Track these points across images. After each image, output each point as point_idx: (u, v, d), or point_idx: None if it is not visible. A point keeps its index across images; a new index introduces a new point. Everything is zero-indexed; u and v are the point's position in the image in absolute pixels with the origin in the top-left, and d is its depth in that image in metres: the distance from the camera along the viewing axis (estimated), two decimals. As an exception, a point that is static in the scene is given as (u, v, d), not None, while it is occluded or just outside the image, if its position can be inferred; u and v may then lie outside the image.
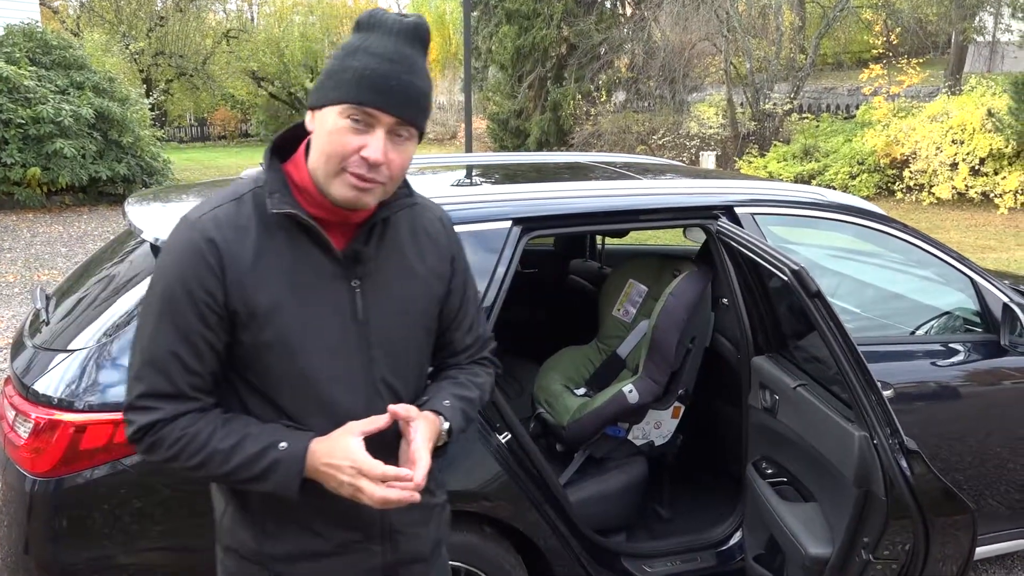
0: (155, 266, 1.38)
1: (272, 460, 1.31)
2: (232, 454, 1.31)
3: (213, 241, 1.31)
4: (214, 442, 1.32)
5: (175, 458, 1.33)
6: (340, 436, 1.32)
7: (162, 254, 1.37)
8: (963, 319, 3.03)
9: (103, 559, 1.99)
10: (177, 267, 1.32)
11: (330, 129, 1.29)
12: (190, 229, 1.33)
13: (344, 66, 1.29)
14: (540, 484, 2.41)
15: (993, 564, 3.27)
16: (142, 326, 1.35)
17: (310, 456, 1.32)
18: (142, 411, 1.33)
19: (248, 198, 1.36)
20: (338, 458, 1.30)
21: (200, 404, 1.35)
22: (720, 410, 3.24)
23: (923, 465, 2.00)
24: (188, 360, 1.32)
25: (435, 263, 1.52)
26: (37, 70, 11.39)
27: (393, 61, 1.29)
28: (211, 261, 1.30)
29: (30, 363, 2.11)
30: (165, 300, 1.32)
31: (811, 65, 16.10)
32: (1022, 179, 11.15)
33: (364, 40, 1.30)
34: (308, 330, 1.35)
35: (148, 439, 1.33)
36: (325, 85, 1.31)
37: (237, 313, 1.32)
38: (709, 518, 2.88)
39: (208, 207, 1.36)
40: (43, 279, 7.72)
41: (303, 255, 1.35)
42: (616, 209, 2.66)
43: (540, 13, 17.12)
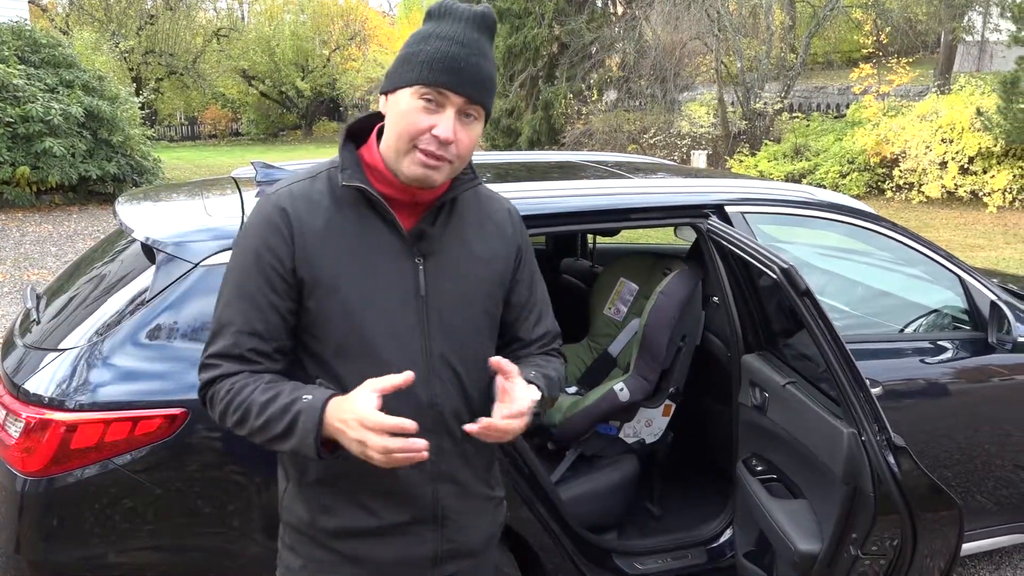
0: (238, 234, 1.47)
1: (295, 413, 1.33)
2: (266, 407, 1.34)
3: (285, 211, 1.39)
4: (255, 396, 1.36)
5: (224, 413, 1.38)
6: (355, 392, 1.32)
7: (246, 223, 1.45)
8: (951, 317, 3.05)
9: (94, 558, 1.99)
10: (252, 235, 1.40)
11: (404, 109, 1.35)
12: (267, 201, 1.42)
13: (418, 50, 1.36)
14: (531, 482, 2.41)
15: (981, 560, 3.29)
16: (220, 294, 1.43)
17: (327, 412, 1.31)
18: (206, 368, 1.41)
19: (323, 176, 1.44)
20: (346, 412, 1.30)
21: (260, 367, 1.40)
22: (711, 408, 3.25)
23: (910, 461, 2.02)
24: (255, 324, 1.38)
25: (500, 249, 1.56)
26: (26, 68, 11.33)
27: (463, 45, 1.35)
28: (282, 229, 1.38)
29: (21, 362, 2.10)
30: (238, 267, 1.41)
31: (801, 64, 16.15)
32: (1010, 178, 11.22)
33: (436, 27, 1.37)
34: (371, 301, 1.40)
35: (207, 393, 1.41)
36: (399, 69, 1.38)
37: (304, 280, 1.38)
38: (700, 515, 2.89)
39: (286, 183, 1.45)
40: (33, 278, 7.68)
41: (370, 229, 1.41)
42: (607, 208, 2.67)
43: (531, 12, 17.12)
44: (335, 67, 29.54)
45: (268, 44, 27.92)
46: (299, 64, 28.56)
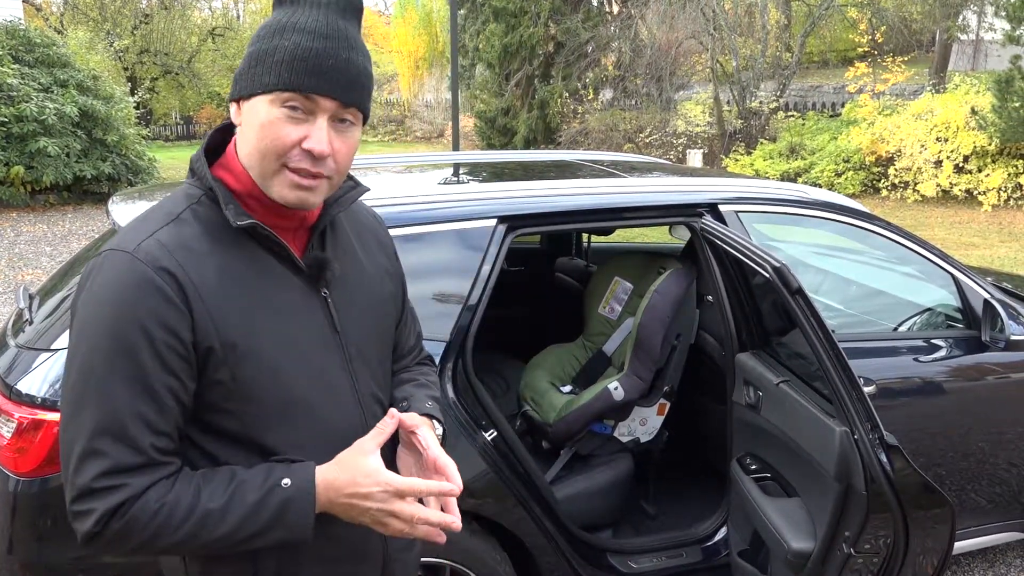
0: (83, 312, 1.12)
1: (279, 503, 1.12)
2: (228, 510, 1.11)
3: (167, 270, 1.10)
4: (203, 503, 1.10)
5: (155, 538, 1.10)
6: (354, 458, 1.16)
7: (92, 295, 1.11)
8: (945, 315, 3.06)
9: (88, 559, 1.98)
10: (124, 307, 1.08)
11: (263, 121, 1.12)
12: (131, 261, 1.10)
13: (272, 47, 1.11)
14: (526, 481, 2.42)
15: (975, 558, 3.30)
16: (81, 390, 1.10)
17: (324, 489, 1.14)
18: (103, 493, 1.08)
19: (188, 216, 1.16)
20: (364, 485, 1.13)
21: (170, 469, 1.13)
22: (705, 407, 3.26)
23: (903, 460, 2.02)
24: (152, 418, 1.10)
25: (385, 263, 1.41)
26: (20, 68, 11.31)
27: (328, 37, 1.12)
28: (170, 294, 1.09)
29: (13, 363, 2.10)
30: (116, 350, 1.08)
31: (797, 63, 16.17)
32: (1005, 176, 11.25)
33: (291, 15, 1.13)
34: (294, 351, 1.19)
35: (115, 525, 1.08)
36: (252, 71, 1.13)
37: (212, 350, 1.12)
38: (694, 514, 2.90)
39: (143, 233, 1.13)
40: (27, 278, 7.66)
41: (267, 270, 1.19)
42: (601, 207, 2.67)
43: (527, 11, 17.12)
44: (331, 66, 29.43)
45: (263, 43, 27.87)
46: (295, 63, 28.49)
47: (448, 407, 2.27)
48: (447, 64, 20.96)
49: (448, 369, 2.30)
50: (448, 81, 21.32)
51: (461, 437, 2.29)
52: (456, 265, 2.39)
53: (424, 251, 2.36)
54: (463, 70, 19.19)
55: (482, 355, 2.67)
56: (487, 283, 2.38)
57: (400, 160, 3.61)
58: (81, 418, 1.09)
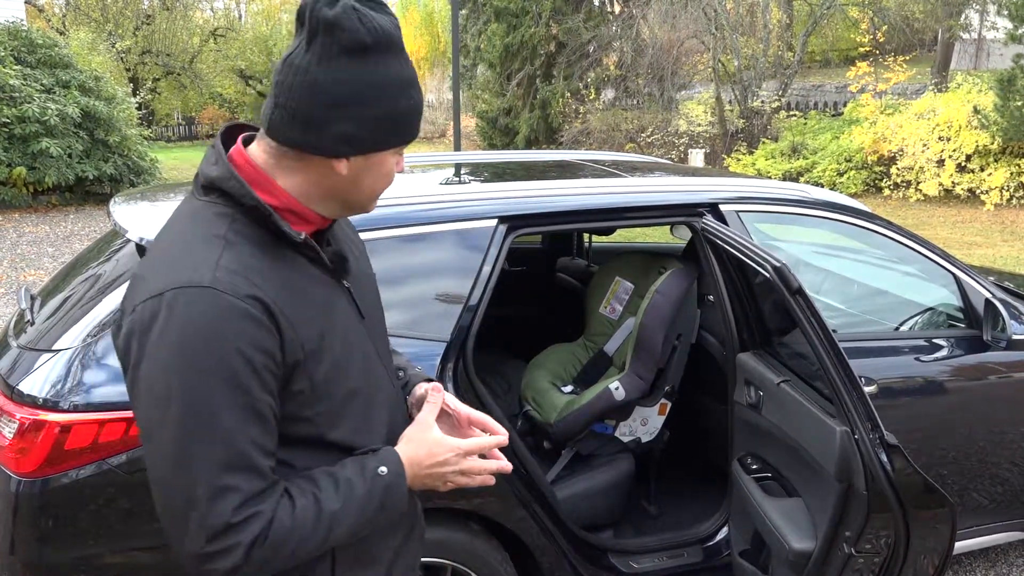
0: (163, 358, 1.09)
1: (382, 490, 1.22)
2: (346, 509, 1.19)
3: (252, 296, 1.11)
4: (325, 508, 1.17)
5: (294, 554, 1.15)
6: (422, 433, 1.29)
7: (171, 338, 1.09)
8: (946, 315, 3.05)
9: (90, 559, 1.99)
10: (221, 340, 1.09)
11: (389, 170, 1.24)
12: (214, 294, 1.10)
13: (405, 109, 1.20)
14: (527, 481, 2.42)
15: (977, 557, 3.30)
16: (190, 431, 1.08)
17: (408, 466, 1.26)
18: (242, 526, 1.09)
19: (233, 237, 1.16)
20: (439, 454, 1.27)
21: (281, 486, 1.17)
22: (706, 406, 3.26)
23: (903, 459, 2.02)
24: (264, 441, 1.13)
25: (359, 241, 1.49)
26: (22, 69, 11.31)
27: (416, 78, 1.23)
28: (261, 318, 1.11)
29: (15, 363, 2.10)
30: (219, 384, 1.08)
31: (799, 63, 16.15)
32: (1008, 175, 11.23)
33: (400, 68, 1.18)
34: (345, 344, 1.26)
35: (258, 553, 1.11)
36: (385, 130, 1.19)
37: (298, 363, 1.16)
38: (696, 514, 2.90)
39: (205, 263, 1.12)
40: (29, 279, 7.68)
41: (308, 273, 1.23)
42: (602, 207, 2.67)
43: (529, 11, 17.11)
44: (332, 67, 29.43)
45: (265, 44, 27.84)
46: (296, 64, 28.48)
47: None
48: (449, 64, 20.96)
49: (449, 369, 2.30)
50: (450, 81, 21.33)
51: (462, 437, 2.29)
52: (457, 265, 2.39)
53: (425, 251, 2.37)
54: (465, 70, 19.21)
55: (483, 355, 2.67)
56: (488, 283, 2.38)
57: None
58: (196, 460, 1.08)
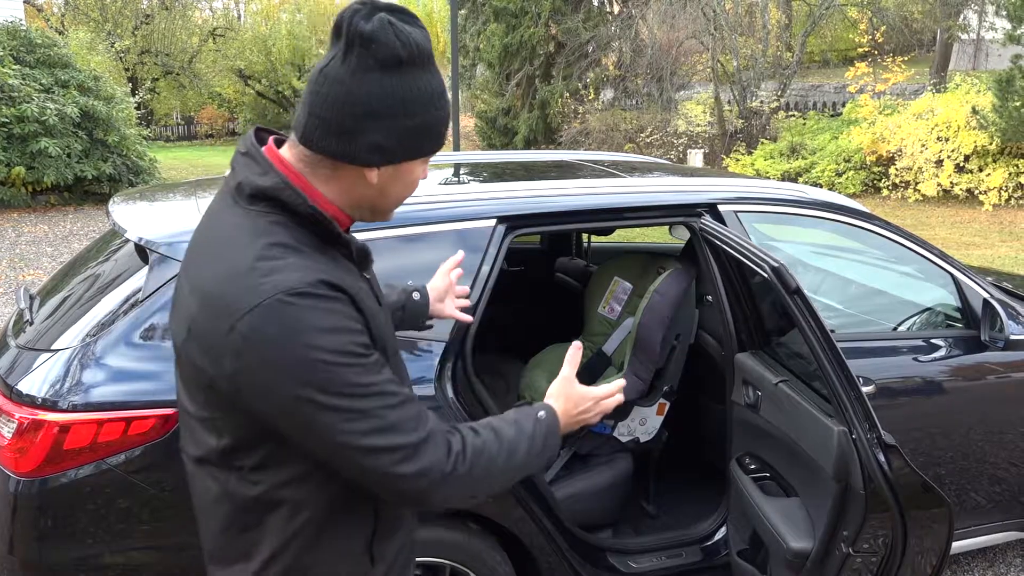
0: (277, 358, 1.17)
1: (544, 431, 1.40)
2: (519, 440, 1.36)
3: (327, 282, 1.21)
4: (505, 436, 1.35)
5: (487, 472, 1.31)
6: (569, 388, 1.49)
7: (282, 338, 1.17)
8: (944, 315, 3.06)
9: (89, 559, 1.99)
10: (338, 330, 1.20)
11: (415, 179, 1.33)
12: (298, 295, 1.17)
13: (434, 120, 1.27)
14: (526, 481, 2.42)
15: (975, 557, 3.31)
16: (331, 400, 1.18)
17: (561, 415, 1.46)
18: (426, 444, 1.24)
19: (294, 243, 1.24)
20: (584, 404, 1.49)
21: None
22: (705, 406, 3.26)
23: (901, 459, 2.02)
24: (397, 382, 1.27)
25: None
26: (21, 68, 11.31)
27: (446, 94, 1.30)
28: (350, 307, 1.24)
29: (14, 363, 2.10)
30: (339, 358, 1.18)
31: (798, 63, 16.17)
32: (1006, 176, 11.25)
33: (432, 82, 1.26)
34: (387, 330, 1.39)
35: (462, 467, 1.27)
36: (419, 139, 1.27)
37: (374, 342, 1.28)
38: (694, 514, 2.90)
39: (291, 270, 1.20)
40: (28, 279, 7.68)
41: (345, 266, 1.31)
42: (600, 207, 2.67)
43: (528, 11, 17.13)
44: (331, 66, 29.44)
45: (264, 44, 27.84)
46: (295, 64, 28.48)
47: (448, 407, 2.27)
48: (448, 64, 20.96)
49: (448, 369, 2.30)
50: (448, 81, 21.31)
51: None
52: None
53: (424, 251, 2.37)
54: (464, 70, 19.21)
55: (482, 355, 2.67)
56: (487, 283, 2.38)
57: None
58: (357, 422, 1.20)
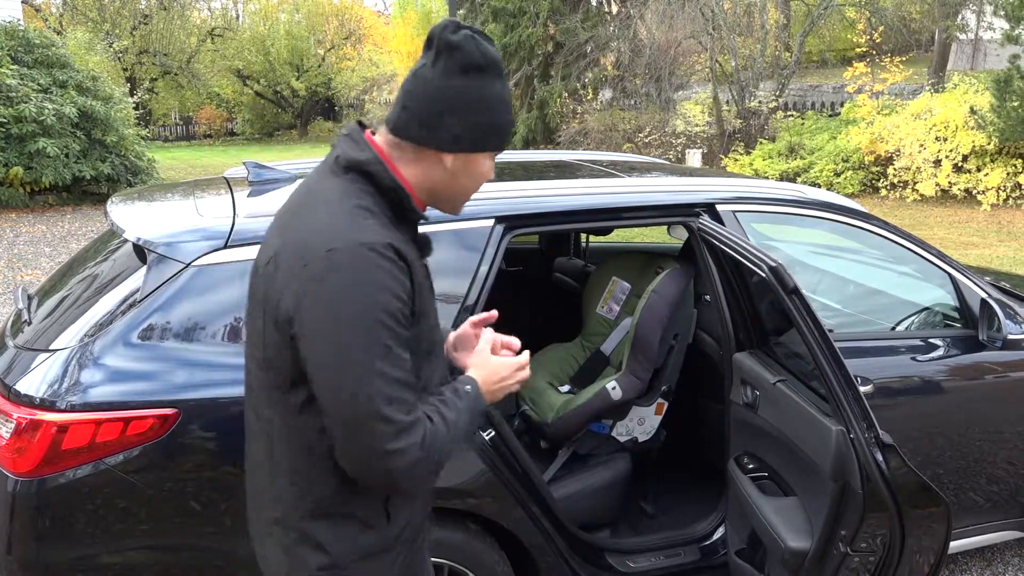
0: (339, 304, 1.35)
1: (474, 399, 1.52)
2: (460, 417, 1.47)
3: (395, 248, 1.39)
4: (450, 418, 1.46)
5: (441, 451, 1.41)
6: (485, 359, 1.60)
7: (344, 289, 1.35)
8: (942, 315, 3.06)
9: (87, 559, 1.99)
10: (380, 283, 1.36)
11: (484, 172, 1.53)
12: (369, 250, 1.37)
13: (503, 121, 1.50)
14: (524, 481, 2.42)
15: (973, 556, 3.31)
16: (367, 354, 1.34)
17: (481, 383, 1.55)
18: (414, 427, 1.37)
19: (375, 208, 1.45)
20: (503, 372, 1.59)
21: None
22: (703, 406, 3.26)
23: (898, 459, 2.03)
24: (411, 364, 1.41)
25: None
26: (19, 69, 11.30)
27: (511, 104, 1.53)
28: (402, 265, 1.40)
29: (12, 363, 2.10)
30: (385, 317, 1.35)
31: (796, 63, 16.17)
32: (1004, 176, 11.26)
33: (498, 85, 1.48)
34: (431, 308, 1.56)
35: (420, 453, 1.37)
36: (486, 134, 1.49)
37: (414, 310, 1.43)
38: (692, 513, 2.90)
39: (359, 227, 1.40)
40: (26, 279, 7.67)
41: (411, 244, 1.50)
42: (599, 207, 2.67)
43: (526, 11, 17.13)
44: (330, 67, 29.49)
45: (263, 44, 27.85)
46: (294, 64, 28.50)
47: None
48: (446, 64, 20.94)
49: (446, 369, 2.30)
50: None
51: (459, 437, 2.29)
52: (454, 266, 2.39)
53: (422, 251, 2.37)
54: (462, 70, 19.15)
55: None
56: (485, 283, 2.38)
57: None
58: (377, 378, 1.35)
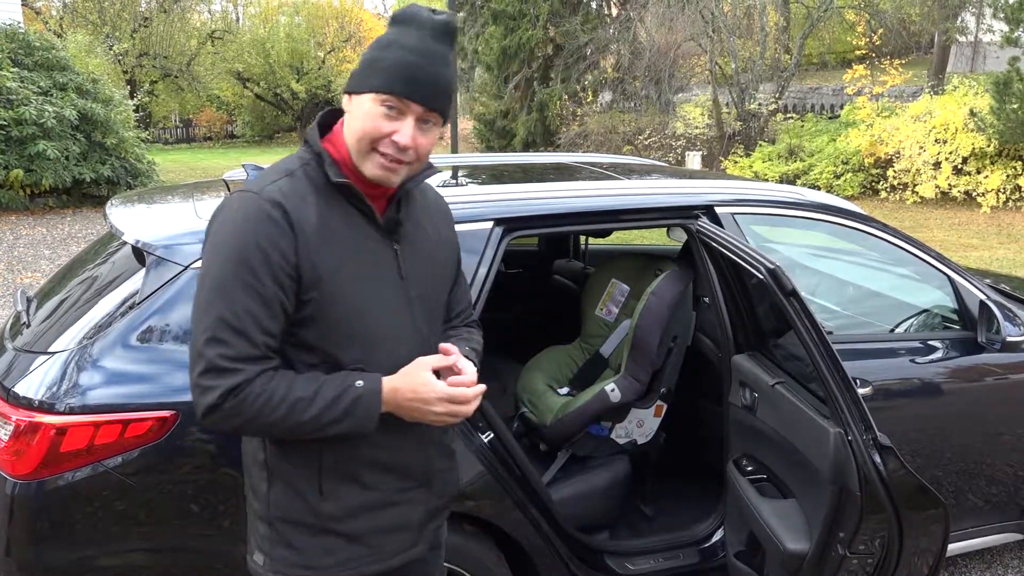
0: (216, 235, 1.44)
1: (353, 399, 1.44)
2: (314, 400, 1.42)
3: (283, 206, 1.41)
4: (295, 392, 1.42)
5: (257, 416, 1.40)
6: (416, 372, 1.48)
7: (222, 224, 1.44)
8: (941, 317, 3.06)
9: (85, 561, 1.99)
10: (249, 232, 1.40)
11: (366, 112, 1.44)
12: (257, 199, 1.42)
13: (380, 57, 1.43)
14: (523, 483, 2.42)
15: (972, 558, 3.31)
16: (212, 290, 1.40)
17: (391, 393, 1.47)
18: (226, 373, 1.38)
19: (300, 173, 1.48)
20: (423, 394, 1.47)
21: (274, 363, 1.44)
22: (702, 408, 3.26)
23: (896, 461, 2.03)
24: (265, 321, 1.40)
25: (447, 232, 1.73)
26: (19, 71, 11.31)
27: (423, 54, 1.43)
28: (283, 225, 1.41)
29: (11, 365, 2.10)
30: (239, 263, 1.39)
31: (796, 65, 16.19)
32: (1004, 178, 11.26)
33: (399, 34, 1.44)
34: (369, 288, 1.49)
35: (231, 402, 1.38)
36: (363, 73, 1.45)
37: (304, 275, 1.42)
38: (691, 515, 2.90)
39: (267, 181, 1.46)
40: (26, 281, 7.67)
41: (354, 222, 1.49)
42: (598, 209, 2.68)
43: (526, 14, 17.13)
44: (330, 69, 29.50)
45: (263, 46, 27.84)
46: (294, 66, 28.49)
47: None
48: (446, 67, 20.94)
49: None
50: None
51: (458, 439, 2.29)
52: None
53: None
54: (462, 73, 19.23)
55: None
56: (484, 285, 2.38)
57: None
58: (210, 314, 1.39)
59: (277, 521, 1.55)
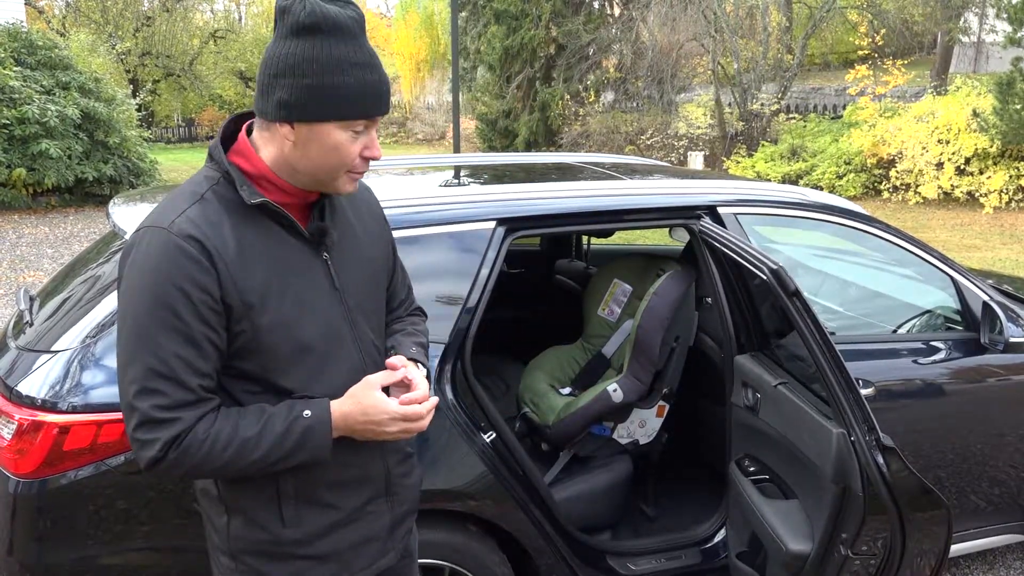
0: (129, 279, 1.35)
1: (302, 431, 1.38)
2: (262, 437, 1.36)
3: (195, 239, 1.32)
4: (241, 432, 1.35)
5: (204, 463, 1.34)
6: (364, 392, 1.42)
7: (134, 266, 1.34)
8: (944, 317, 3.06)
9: (88, 560, 1.99)
10: (163, 273, 1.30)
11: (335, 143, 1.36)
12: (167, 235, 1.32)
13: (338, 83, 1.32)
14: (525, 483, 2.42)
15: (975, 560, 3.30)
16: (134, 339, 1.32)
17: (341, 419, 1.41)
18: (164, 424, 1.31)
19: (210, 195, 1.38)
20: (374, 415, 1.41)
21: (213, 404, 1.37)
22: (704, 409, 3.26)
23: (899, 462, 2.02)
24: (197, 363, 1.33)
25: (375, 227, 1.63)
26: (22, 70, 11.33)
27: (371, 64, 1.35)
28: (200, 259, 1.31)
29: (13, 364, 2.11)
30: (159, 307, 1.30)
31: (798, 65, 16.17)
32: (1007, 179, 11.24)
33: (334, 47, 1.31)
34: (302, 306, 1.41)
35: (174, 453, 1.32)
36: (317, 101, 1.32)
37: (232, 305, 1.34)
38: (693, 516, 2.90)
39: (176, 211, 1.35)
40: (28, 280, 7.68)
41: (277, 239, 1.41)
42: (600, 209, 2.68)
43: (528, 13, 17.12)
44: (332, 68, 29.49)
45: (265, 45, 27.87)
46: (296, 65, 28.48)
47: (447, 409, 2.28)
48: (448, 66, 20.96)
49: (447, 371, 2.31)
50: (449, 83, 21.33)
51: (460, 439, 2.29)
52: (455, 267, 2.40)
53: (423, 253, 2.37)
54: (464, 72, 19.21)
55: (481, 357, 2.67)
56: (486, 285, 2.39)
57: (401, 162, 3.61)
58: (135, 366, 1.31)
59: (241, 554, 1.49)
